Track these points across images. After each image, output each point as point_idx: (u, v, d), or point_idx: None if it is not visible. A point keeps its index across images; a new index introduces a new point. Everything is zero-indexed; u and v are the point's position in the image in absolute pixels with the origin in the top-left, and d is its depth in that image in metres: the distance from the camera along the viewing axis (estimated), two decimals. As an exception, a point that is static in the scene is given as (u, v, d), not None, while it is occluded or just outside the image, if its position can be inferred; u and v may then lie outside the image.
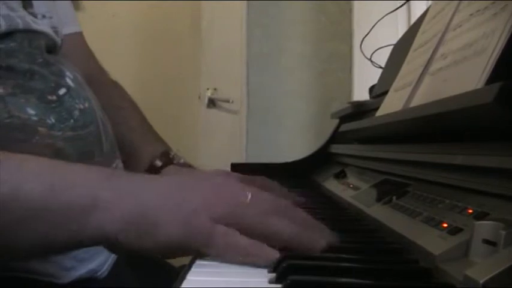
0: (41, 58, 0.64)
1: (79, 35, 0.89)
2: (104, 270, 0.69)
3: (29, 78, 0.60)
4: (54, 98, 0.61)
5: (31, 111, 0.58)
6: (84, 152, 0.63)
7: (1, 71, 0.58)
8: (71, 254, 0.62)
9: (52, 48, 0.68)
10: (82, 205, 0.42)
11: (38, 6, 0.67)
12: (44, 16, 0.68)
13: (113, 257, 0.71)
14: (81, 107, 0.64)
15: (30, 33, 0.63)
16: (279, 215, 0.45)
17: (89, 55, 0.92)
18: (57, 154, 0.58)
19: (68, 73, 0.66)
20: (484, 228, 0.37)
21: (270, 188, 0.59)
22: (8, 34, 0.60)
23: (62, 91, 0.62)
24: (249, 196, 0.45)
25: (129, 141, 0.83)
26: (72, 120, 0.61)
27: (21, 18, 0.62)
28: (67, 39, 0.76)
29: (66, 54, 0.72)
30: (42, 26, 0.66)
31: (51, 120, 0.59)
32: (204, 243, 0.43)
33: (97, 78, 0.85)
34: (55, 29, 0.70)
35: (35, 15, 0.66)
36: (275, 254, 0.43)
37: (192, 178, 0.52)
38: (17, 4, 0.64)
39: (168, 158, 0.81)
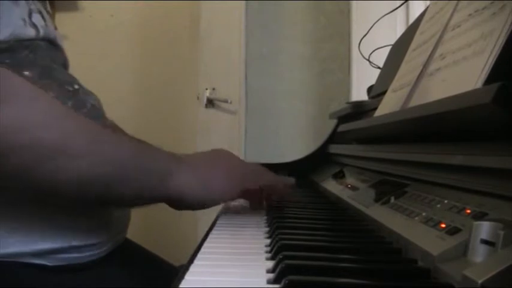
0: (59, 61, 0.76)
1: None
2: (101, 251, 0.70)
3: (50, 70, 0.69)
4: (71, 89, 0.71)
5: (53, 94, 0.65)
6: None
7: (30, 59, 0.68)
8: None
9: (65, 66, 0.79)
10: (164, 171, 0.61)
11: (51, 34, 0.77)
12: None
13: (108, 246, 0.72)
14: (92, 103, 0.73)
15: (56, 45, 0.76)
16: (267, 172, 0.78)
17: None
18: None
19: (77, 79, 0.75)
20: (483, 228, 0.37)
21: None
22: (43, 39, 0.72)
23: (76, 87, 0.72)
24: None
25: None
26: (85, 110, 0.70)
27: (52, 31, 0.75)
28: None
29: None
30: (63, 44, 0.79)
31: (69, 104, 0.68)
32: (242, 184, 0.70)
33: None
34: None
35: None
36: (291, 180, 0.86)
37: (216, 153, 0.74)
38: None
39: None
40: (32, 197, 0.61)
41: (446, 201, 0.49)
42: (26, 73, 0.65)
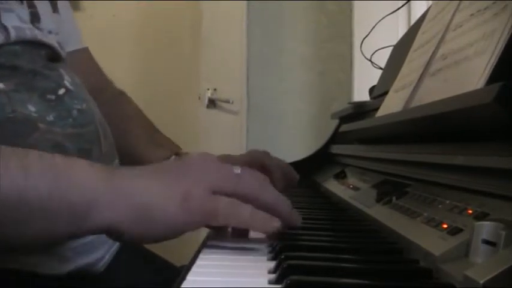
0: (42, 62, 0.67)
1: (85, 51, 0.94)
2: (101, 265, 0.69)
3: (31, 77, 0.63)
4: (53, 97, 0.64)
5: (32, 108, 0.60)
6: (83, 149, 0.65)
7: (6, 70, 0.61)
8: (69, 246, 0.63)
9: (55, 59, 0.72)
10: (83, 205, 0.44)
11: (46, 23, 0.72)
12: (50, 32, 0.73)
13: (111, 253, 0.72)
14: (80, 107, 0.67)
15: (36, 43, 0.67)
16: (265, 187, 0.51)
17: (96, 68, 0.97)
18: (57, 149, 0.60)
19: (66, 77, 0.69)
20: (484, 228, 0.37)
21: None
22: (16, 42, 0.64)
23: (61, 91, 0.65)
24: (239, 170, 0.50)
25: (136, 148, 0.88)
26: (71, 119, 0.64)
27: (30, 30, 0.67)
28: (74, 55, 0.81)
29: (74, 69, 0.75)
30: (48, 39, 0.70)
31: (51, 117, 0.62)
32: (207, 216, 0.47)
33: (105, 90, 0.92)
34: (60, 45, 0.74)
35: (41, 30, 0.70)
36: (276, 223, 0.48)
37: (179, 162, 0.55)
38: (26, 18, 0.68)
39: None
40: None
41: (447, 202, 0.49)
42: (1, 85, 0.59)
